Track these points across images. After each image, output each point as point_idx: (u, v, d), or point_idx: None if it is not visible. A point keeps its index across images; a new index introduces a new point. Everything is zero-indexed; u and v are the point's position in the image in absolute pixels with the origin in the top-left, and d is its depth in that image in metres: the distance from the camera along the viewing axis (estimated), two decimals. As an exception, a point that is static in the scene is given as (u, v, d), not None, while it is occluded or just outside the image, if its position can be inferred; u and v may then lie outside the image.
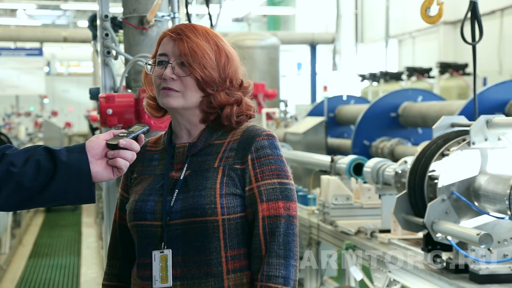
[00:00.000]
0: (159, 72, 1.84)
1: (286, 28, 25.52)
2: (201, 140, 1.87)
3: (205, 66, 1.81)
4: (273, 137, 1.86)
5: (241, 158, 1.82)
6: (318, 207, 4.58)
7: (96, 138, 1.66)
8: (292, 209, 1.81)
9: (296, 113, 11.94)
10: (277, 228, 1.77)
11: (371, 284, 3.69)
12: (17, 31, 19.66)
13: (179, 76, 1.82)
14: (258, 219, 1.78)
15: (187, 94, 1.83)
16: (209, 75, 1.82)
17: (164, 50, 1.85)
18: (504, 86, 6.32)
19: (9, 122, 17.28)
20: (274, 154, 1.83)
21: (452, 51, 14.22)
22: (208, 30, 1.88)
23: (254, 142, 1.83)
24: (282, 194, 1.81)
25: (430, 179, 3.11)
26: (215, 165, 1.82)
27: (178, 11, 3.53)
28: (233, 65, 1.87)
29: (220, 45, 1.86)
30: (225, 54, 1.86)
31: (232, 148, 1.84)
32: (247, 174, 1.81)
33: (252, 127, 1.88)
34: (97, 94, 3.61)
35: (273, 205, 1.79)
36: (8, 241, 8.90)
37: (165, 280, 1.78)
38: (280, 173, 1.83)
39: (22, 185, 1.58)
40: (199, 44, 1.82)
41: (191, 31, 1.84)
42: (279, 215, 1.79)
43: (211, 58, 1.82)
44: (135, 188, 1.91)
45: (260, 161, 1.82)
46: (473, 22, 3.29)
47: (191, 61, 1.80)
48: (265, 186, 1.80)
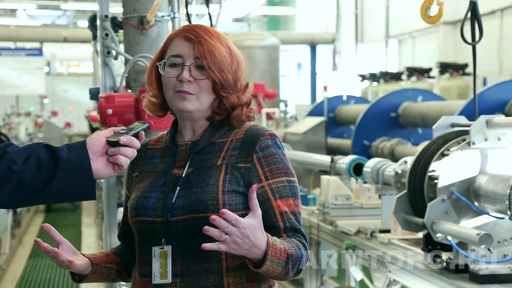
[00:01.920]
0: (174, 74, 1.84)
1: (286, 28, 25.53)
2: (204, 138, 1.88)
3: (223, 69, 1.82)
4: (276, 137, 1.88)
5: (245, 157, 1.83)
6: (318, 207, 4.59)
7: (97, 135, 1.66)
8: (299, 206, 1.86)
9: (296, 113, 11.94)
10: (294, 222, 1.82)
11: (371, 284, 3.69)
12: (17, 31, 19.66)
13: (195, 79, 1.82)
14: (276, 216, 1.81)
15: (202, 97, 1.84)
16: (226, 78, 1.83)
17: (178, 51, 1.85)
18: (504, 86, 6.33)
19: (9, 122, 17.27)
20: (279, 153, 1.86)
21: (452, 51, 14.22)
22: (218, 32, 1.89)
23: (258, 142, 1.84)
24: (291, 192, 1.84)
25: (430, 179, 3.11)
26: (217, 163, 1.84)
27: (178, 11, 3.53)
28: (241, 68, 1.89)
29: (231, 48, 1.88)
30: (235, 57, 1.87)
31: (235, 147, 1.85)
32: (254, 172, 1.82)
33: (254, 126, 1.90)
34: (97, 94, 3.61)
35: (286, 202, 1.83)
36: (8, 241, 8.90)
37: (164, 276, 1.79)
38: (287, 171, 1.86)
39: (23, 183, 1.59)
40: (216, 47, 1.83)
41: (206, 33, 1.84)
42: (292, 211, 1.83)
43: (227, 61, 1.84)
44: (137, 185, 1.92)
45: (267, 160, 1.84)
46: (473, 22, 3.30)
47: (211, 64, 1.81)
48: (276, 184, 1.83)
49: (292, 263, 1.75)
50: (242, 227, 1.65)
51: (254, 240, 1.67)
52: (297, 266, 1.77)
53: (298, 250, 1.77)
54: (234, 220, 1.64)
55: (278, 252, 1.72)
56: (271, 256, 1.70)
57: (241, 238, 1.65)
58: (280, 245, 1.73)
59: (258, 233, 1.68)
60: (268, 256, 1.69)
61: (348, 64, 20.46)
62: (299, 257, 1.77)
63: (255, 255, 1.70)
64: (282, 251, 1.73)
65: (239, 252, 1.68)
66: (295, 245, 1.78)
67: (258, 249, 1.69)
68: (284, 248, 1.74)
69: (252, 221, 1.67)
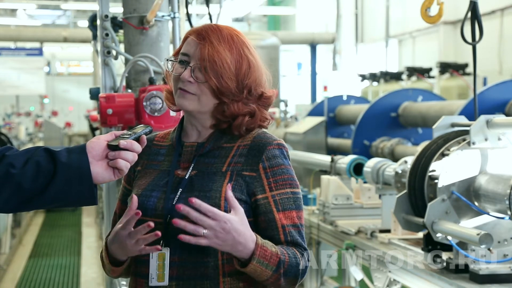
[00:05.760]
0: (178, 71, 1.83)
1: (286, 28, 25.51)
2: (210, 141, 1.86)
3: (222, 75, 1.79)
4: (283, 147, 1.85)
5: (251, 165, 1.81)
6: (318, 207, 4.59)
7: (97, 139, 1.64)
8: (302, 218, 1.84)
9: (296, 113, 11.95)
10: (296, 236, 1.80)
11: (371, 284, 3.69)
12: (17, 31, 19.65)
13: (196, 80, 1.81)
14: (277, 228, 1.79)
15: (203, 99, 1.82)
16: (225, 85, 1.79)
17: (187, 50, 1.84)
18: (504, 86, 6.33)
19: (9, 122, 17.28)
20: (285, 164, 1.83)
21: (452, 51, 14.22)
22: (234, 35, 1.84)
23: (265, 151, 1.82)
24: (295, 204, 1.82)
25: (430, 179, 3.11)
26: (223, 169, 1.81)
27: (178, 11, 3.53)
28: (254, 75, 1.84)
29: (243, 53, 1.82)
30: (247, 62, 1.83)
31: (242, 153, 1.83)
32: (258, 182, 1.80)
33: (263, 134, 1.86)
34: (97, 94, 3.61)
35: (289, 215, 1.80)
36: (8, 241, 8.89)
37: (161, 279, 1.76)
38: (292, 182, 1.83)
39: (22, 187, 1.57)
40: (220, 52, 1.79)
41: (216, 35, 1.81)
42: (295, 224, 1.80)
43: (230, 68, 1.79)
44: (139, 182, 1.90)
45: (273, 170, 1.81)
46: (473, 22, 3.30)
47: (208, 69, 1.78)
48: (280, 195, 1.80)
49: (285, 269, 1.72)
50: (223, 221, 1.63)
51: (237, 237, 1.66)
52: (291, 274, 1.75)
53: (293, 258, 1.75)
54: (210, 213, 1.63)
55: (268, 254, 1.70)
56: (258, 256, 1.69)
57: (223, 232, 1.64)
58: (272, 248, 1.72)
59: (242, 229, 1.67)
60: (255, 256, 1.68)
61: (348, 64, 20.46)
62: (293, 265, 1.74)
63: (241, 254, 1.69)
64: (274, 254, 1.71)
65: (224, 248, 1.67)
66: (291, 253, 1.76)
67: (243, 247, 1.68)
68: (276, 252, 1.72)
69: (233, 216, 1.66)
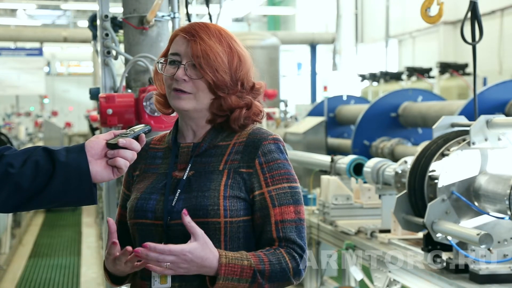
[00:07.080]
0: (171, 72, 1.83)
1: (286, 28, 25.52)
2: (206, 141, 1.86)
3: (217, 69, 1.79)
4: (279, 141, 1.85)
5: (247, 162, 1.81)
6: (318, 207, 4.59)
7: (96, 138, 1.64)
8: (302, 212, 1.82)
9: (296, 113, 11.96)
10: (290, 232, 1.78)
11: (371, 284, 3.69)
12: (17, 31, 19.65)
13: (191, 78, 1.80)
14: (270, 224, 1.78)
15: (199, 96, 1.81)
16: (221, 78, 1.80)
17: (176, 49, 1.83)
18: (504, 86, 6.33)
19: (9, 122, 17.28)
20: (282, 158, 1.83)
21: (452, 51, 14.23)
22: (221, 30, 1.85)
23: (261, 146, 1.82)
24: (293, 198, 1.81)
25: (430, 179, 3.11)
26: (220, 168, 1.81)
27: (178, 11, 3.53)
28: (245, 67, 1.86)
29: (232, 47, 1.84)
30: (237, 56, 1.84)
31: (238, 151, 1.83)
32: (255, 178, 1.80)
33: (258, 130, 1.87)
34: (97, 94, 3.61)
35: (285, 210, 1.79)
36: (8, 241, 8.89)
37: (164, 281, 1.77)
38: (289, 177, 1.82)
39: (21, 186, 1.56)
40: (212, 46, 1.79)
41: (205, 31, 1.82)
42: (291, 219, 1.79)
43: (223, 61, 1.80)
44: (137, 186, 1.90)
45: (269, 166, 1.81)
46: (473, 22, 3.30)
47: (203, 64, 1.78)
48: (276, 191, 1.79)
49: (267, 277, 1.71)
50: (182, 254, 1.65)
51: (201, 262, 1.68)
52: (278, 279, 1.73)
53: (277, 264, 1.73)
54: (166, 251, 1.65)
55: (237, 270, 1.70)
56: (224, 274, 1.69)
57: (185, 263, 1.66)
58: (242, 262, 1.70)
59: (205, 254, 1.68)
60: (219, 276, 1.69)
61: (348, 64, 20.47)
62: (276, 271, 1.73)
63: (210, 274, 1.70)
64: (246, 267, 1.70)
65: (191, 273, 1.69)
66: (275, 259, 1.73)
67: (209, 269, 1.69)
68: (249, 265, 1.70)
69: (195, 245, 1.67)
